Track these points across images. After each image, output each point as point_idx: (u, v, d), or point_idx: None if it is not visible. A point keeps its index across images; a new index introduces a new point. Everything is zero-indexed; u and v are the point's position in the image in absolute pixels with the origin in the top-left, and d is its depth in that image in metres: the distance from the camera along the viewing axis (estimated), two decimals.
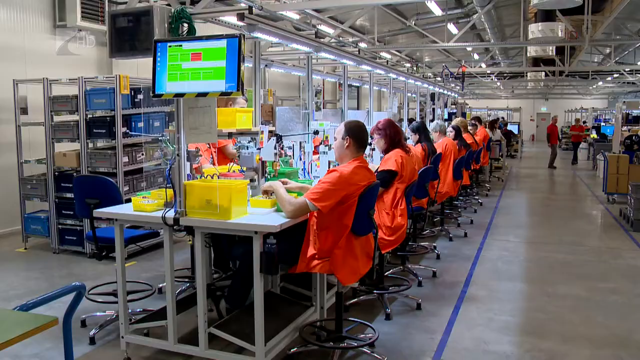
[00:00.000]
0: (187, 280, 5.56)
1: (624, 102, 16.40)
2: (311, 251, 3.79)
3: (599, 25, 13.20)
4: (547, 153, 20.54)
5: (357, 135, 4.01)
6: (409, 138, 7.25)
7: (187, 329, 4.39)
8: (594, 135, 21.50)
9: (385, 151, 5.22)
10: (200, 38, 3.59)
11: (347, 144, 3.99)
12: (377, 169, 5.16)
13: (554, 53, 14.85)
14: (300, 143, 5.55)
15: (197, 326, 3.90)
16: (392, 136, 5.21)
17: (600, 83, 27.63)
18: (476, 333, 4.75)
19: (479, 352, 4.40)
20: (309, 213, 3.82)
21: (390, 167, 4.97)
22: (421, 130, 7.25)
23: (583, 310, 5.35)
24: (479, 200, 11.22)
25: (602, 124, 23.08)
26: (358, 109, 20.15)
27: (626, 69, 21.42)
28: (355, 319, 4.78)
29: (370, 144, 5.97)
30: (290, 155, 5.46)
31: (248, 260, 3.66)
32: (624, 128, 14.07)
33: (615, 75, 24.84)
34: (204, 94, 3.56)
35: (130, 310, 4.56)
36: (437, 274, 6.27)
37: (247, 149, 4.40)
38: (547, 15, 11.20)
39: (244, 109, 4.78)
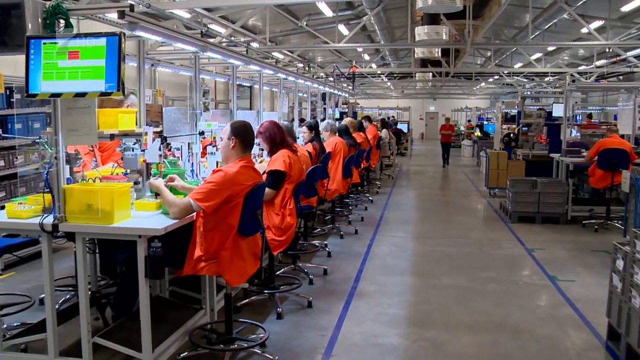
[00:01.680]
0: (71, 288, 5.32)
1: (503, 102, 17.33)
2: (198, 253, 3.75)
3: (479, 30, 13.88)
4: (436, 151, 21.34)
5: (242, 135, 3.99)
6: (299, 137, 7.31)
7: (70, 340, 4.19)
8: (477, 133, 22.59)
9: (271, 153, 5.23)
10: (78, 35, 3.45)
11: (232, 144, 3.97)
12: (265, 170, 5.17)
13: (440, 55, 15.46)
14: (188, 144, 5.47)
15: (81, 337, 3.75)
16: (275, 138, 5.22)
17: (482, 84, 29.09)
18: (365, 327, 4.87)
19: (368, 346, 4.52)
20: (195, 214, 3.77)
21: (278, 168, 4.99)
22: (316, 129, 7.35)
23: (465, 300, 5.63)
24: (370, 198, 11.51)
25: (485, 122, 24.31)
26: (251, 109, 20.07)
27: (505, 72, 22.67)
28: (246, 320, 4.77)
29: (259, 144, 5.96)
30: (178, 157, 5.36)
31: (132, 265, 3.56)
32: (504, 126, 14.85)
33: (495, 77, 26.24)
34: (82, 94, 3.42)
35: (5, 325, 4.30)
36: (328, 272, 6.37)
37: (132, 150, 4.28)
38: (432, 19, 11.63)
39: (127, 109, 4.64)
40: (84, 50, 3.41)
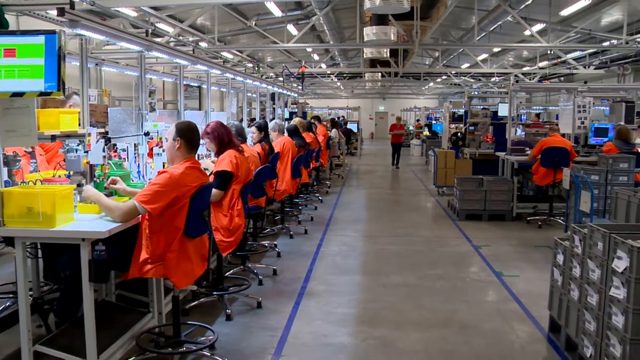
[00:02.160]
0: (11, 295, 5.14)
1: (451, 102, 17.68)
2: (144, 255, 3.68)
3: (427, 31, 14.10)
4: (386, 150, 21.50)
5: (187, 136, 3.94)
6: (248, 137, 7.27)
7: (10, 349, 4.07)
8: (426, 132, 22.92)
9: (218, 153, 5.18)
10: (14, 33, 3.34)
11: (178, 145, 3.90)
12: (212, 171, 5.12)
13: (389, 55, 15.62)
14: (135, 145, 5.37)
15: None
16: (222, 138, 5.17)
17: (431, 84, 29.57)
18: (315, 327, 4.88)
19: (318, 345, 4.53)
20: (140, 216, 3.70)
21: (225, 168, 4.93)
22: (265, 129, 7.33)
23: (414, 297, 5.70)
24: (320, 198, 11.54)
25: (433, 122, 24.69)
26: (200, 109, 19.87)
27: (452, 72, 23.09)
28: (195, 322, 4.72)
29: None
30: (124, 158, 5.26)
31: (76, 269, 3.47)
32: (452, 126, 15.12)
33: (443, 77, 26.72)
34: (20, 94, 3.32)
35: None
36: (278, 272, 6.35)
37: (76, 152, 4.18)
38: (381, 20, 11.72)
39: (69, 109, 4.53)
40: (21, 48, 3.31)
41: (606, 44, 14.14)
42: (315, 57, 22.60)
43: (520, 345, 4.57)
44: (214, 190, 4.58)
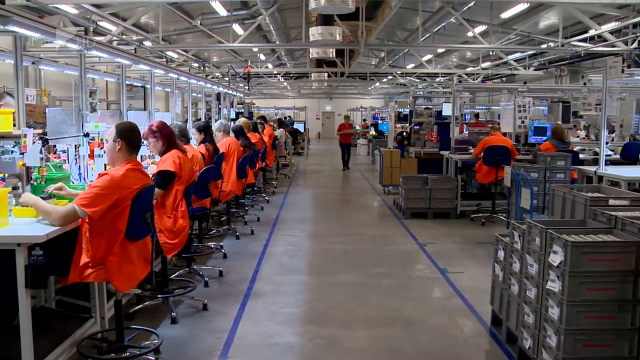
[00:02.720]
0: None
1: (396, 101, 17.88)
2: (84, 259, 3.59)
3: (373, 31, 14.21)
4: (333, 150, 21.56)
5: (128, 137, 3.85)
6: (191, 138, 7.18)
7: None
8: (372, 132, 23.12)
9: (162, 153, 5.10)
10: None
11: (118, 147, 3.82)
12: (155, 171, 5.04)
13: (335, 55, 15.68)
14: (75, 146, 5.24)
15: None
16: (167, 137, 5.09)
17: (377, 84, 29.85)
18: (262, 327, 4.86)
19: (265, 346, 4.52)
20: (80, 219, 3.61)
21: (168, 168, 4.86)
22: (206, 130, 7.23)
23: (360, 296, 5.74)
24: (266, 198, 11.49)
25: (380, 121, 24.90)
26: (145, 109, 19.51)
27: (398, 72, 23.36)
28: (139, 327, 4.63)
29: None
30: (64, 160, 5.13)
31: (11, 275, 3.35)
32: (397, 125, 15.30)
33: (389, 77, 27.01)
34: None
35: None
36: (224, 273, 6.30)
37: (11, 153, 4.05)
38: (326, 20, 11.75)
39: (1, 110, 4.38)
40: None
41: (544, 46, 14.55)
42: (262, 57, 22.50)
43: (463, 340, 4.67)
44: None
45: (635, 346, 3.53)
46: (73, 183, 4.73)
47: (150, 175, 4.46)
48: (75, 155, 5.18)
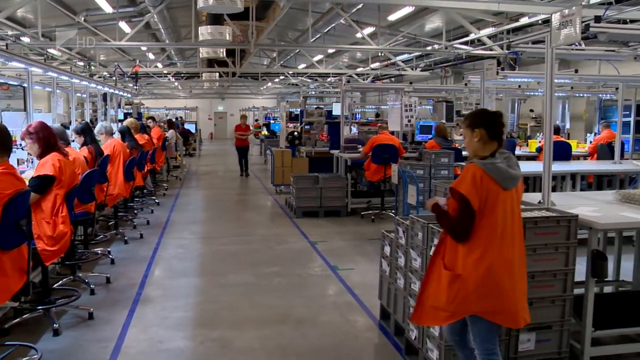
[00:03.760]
0: None
1: (287, 101, 18.04)
2: None
3: (263, 31, 14.22)
4: (226, 150, 21.32)
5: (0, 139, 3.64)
6: (74, 140, 6.87)
7: None
8: (265, 132, 23.14)
9: (40, 156, 4.84)
10: None
11: None
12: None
13: (226, 55, 15.53)
14: None
15: None
16: (46, 139, 4.83)
17: (269, 84, 29.87)
18: (151, 334, 4.75)
19: (154, 352, 4.42)
20: None
21: (47, 172, 4.61)
22: (86, 132, 6.91)
23: (251, 296, 5.74)
24: (156, 201, 11.20)
25: (272, 121, 24.97)
26: (25, 110, 18.44)
27: (289, 72, 23.50)
28: (15, 342, 4.37)
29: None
30: None
31: None
32: (289, 125, 15.41)
33: (281, 77, 27.12)
34: None
35: None
36: (112, 279, 6.09)
37: None
38: (216, 19, 11.64)
39: None
40: None
41: (429, 48, 15.13)
42: (151, 56, 21.92)
43: (354, 335, 4.77)
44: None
45: (506, 329, 3.77)
46: None
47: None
48: None
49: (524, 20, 11.04)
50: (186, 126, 23.02)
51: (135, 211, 9.80)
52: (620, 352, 4.22)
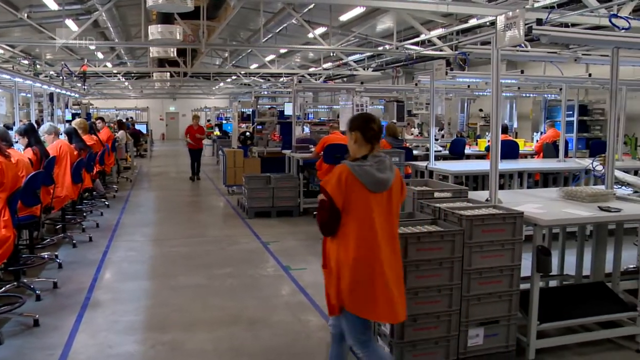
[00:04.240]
0: None
1: (239, 101, 17.93)
2: None
3: (215, 31, 14.10)
4: (178, 151, 21.06)
5: None
6: (17, 142, 6.68)
7: None
8: (217, 132, 22.95)
9: None
10: None
11: None
12: None
13: (176, 55, 15.35)
14: None
15: None
16: None
17: (221, 84, 29.67)
18: (100, 339, 4.66)
19: (103, 357, 4.35)
20: None
21: None
22: (31, 133, 6.72)
23: (203, 298, 5.69)
24: (106, 203, 10.98)
25: (224, 121, 24.73)
26: None
27: (242, 72, 23.37)
28: None
29: None
30: None
31: None
32: (242, 125, 15.33)
33: (233, 77, 26.97)
34: None
35: None
36: (59, 284, 5.94)
37: None
38: (167, 18, 11.49)
39: None
40: None
41: (380, 48, 15.29)
42: (100, 55, 21.47)
43: (306, 334, 4.79)
44: None
45: (457, 325, 3.84)
46: None
47: None
48: None
49: (473, 22, 11.29)
50: (137, 127, 22.67)
51: (84, 214, 9.57)
52: (564, 343, 4.36)
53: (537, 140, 11.92)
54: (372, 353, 3.32)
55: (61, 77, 14.34)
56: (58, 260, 6.71)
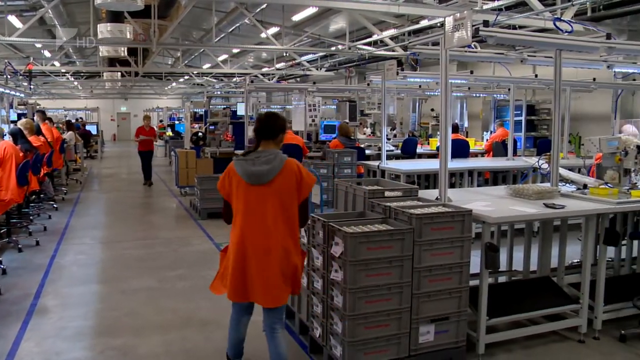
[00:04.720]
0: None
1: (192, 101, 17.73)
2: None
3: (167, 30, 13.92)
4: (129, 152, 20.71)
5: None
6: None
7: None
8: (169, 133, 22.66)
9: None
10: None
11: None
12: None
13: (127, 54, 15.08)
14: None
15: None
16: None
17: (174, 84, 29.33)
18: (47, 346, 4.55)
19: None
20: None
21: None
22: None
23: (154, 300, 5.62)
24: (55, 205, 10.70)
25: (177, 122, 24.43)
26: None
27: (194, 72, 23.13)
28: None
29: None
30: None
31: None
32: (195, 125, 15.18)
33: (186, 77, 26.68)
34: None
35: None
36: (3, 291, 5.77)
37: None
38: (116, 17, 11.28)
39: None
40: None
41: (333, 48, 15.35)
42: (47, 53, 20.92)
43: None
44: None
45: (407, 322, 3.89)
46: None
47: None
48: None
49: (424, 23, 11.44)
50: (87, 127, 22.21)
51: (31, 217, 9.31)
52: (512, 337, 4.47)
53: (487, 140, 12.15)
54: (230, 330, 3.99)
55: (5, 76, 13.90)
56: (2, 266, 6.50)
